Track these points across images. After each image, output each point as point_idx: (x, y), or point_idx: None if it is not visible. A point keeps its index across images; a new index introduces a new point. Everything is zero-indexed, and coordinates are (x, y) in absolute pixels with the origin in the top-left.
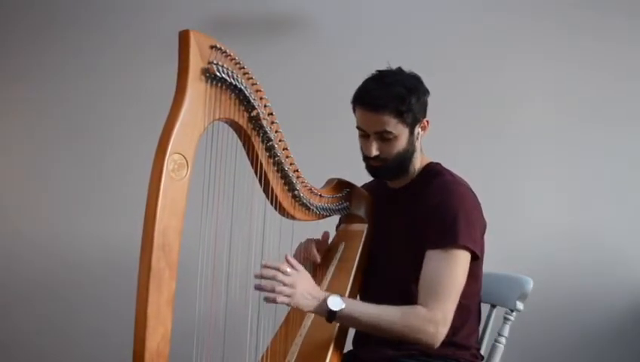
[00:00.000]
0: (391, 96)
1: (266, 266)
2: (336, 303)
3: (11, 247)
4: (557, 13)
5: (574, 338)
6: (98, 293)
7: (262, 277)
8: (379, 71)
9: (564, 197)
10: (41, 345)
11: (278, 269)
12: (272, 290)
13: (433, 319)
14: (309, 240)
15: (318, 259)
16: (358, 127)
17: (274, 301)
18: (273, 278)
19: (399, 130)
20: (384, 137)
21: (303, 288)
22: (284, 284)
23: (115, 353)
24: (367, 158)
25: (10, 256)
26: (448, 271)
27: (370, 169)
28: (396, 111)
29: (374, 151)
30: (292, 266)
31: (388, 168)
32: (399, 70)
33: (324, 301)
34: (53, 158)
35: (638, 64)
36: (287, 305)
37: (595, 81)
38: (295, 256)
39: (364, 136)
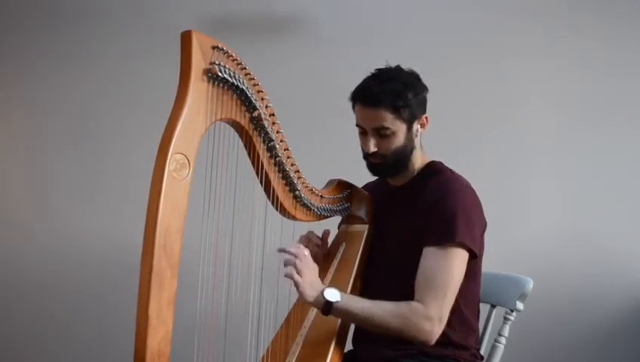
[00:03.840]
0: (387, 91)
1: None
2: (332, 294)
3: (13, 247)
4: (557, 14)
5: (574, 338)
6: (100, 293)
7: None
8: (378, 69)
9: (564, 198)
10: (42, 344)
11: (296, 255)
12: (290, 272)
13: (429, 316)
14: (310, 233)
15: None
16: (357, 125)
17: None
18: (288, 261)
19: (396, 126)
20: (382, 133)
21: (309, 278)
22: (296, 269)
23: (116, 352)
24: (366, 155)
25: (12, 255)
26: (445, 269)
27: (370, 166)
28: (392, 106)
29: (372, 148)
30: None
31: (387, 165)
32: (397, 68)
33: (322, 292)
34: (55, 158)
35: (638, 64)
36: (296, 288)
37: (596, 82)
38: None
39: (364, 133)
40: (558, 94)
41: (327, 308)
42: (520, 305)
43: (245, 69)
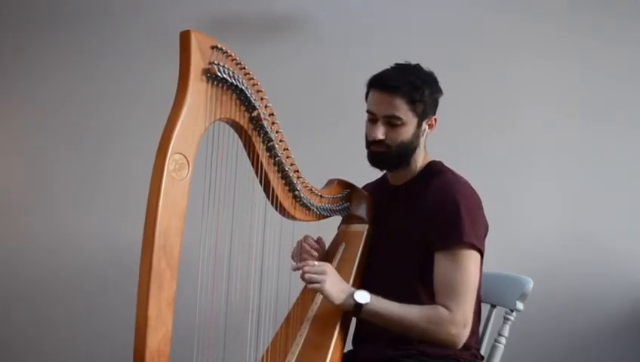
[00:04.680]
0: (407, 82)
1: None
2: (362, 297)
3: (13, 247)
4: (557, 14)
5: (574, 338)
6: (99, 293)
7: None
8: (397, 63)
9: (564, 198)
10: (42, 345)
11: (306, 265)
12: (308, 275)
13: (454, 321)
14: (306, 237)
15: (314, 253)
16: (368, 111)
17: (309, 282)
18: (304, 266)
19: (408, 118)
20: (392, 122)
21: (333, 279)
22: (316, 273)
23: (116, 353)
24: (369, 144)
25: (11, 255)
26: (461, 272)
27: (371, 155)
28: (409, 97)
29: (380, 135)
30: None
31: (389, 156)
32: (418, 65)
33: (352, 294)
34: (54, 159)
35: (638, 64)
36: (319, 291)
37: (596, 82)
38: (294, 254)
39: (373, 120)
40: (558, 94)
41: (357, 309)
42: (520, 305)
43: (244, 68)
